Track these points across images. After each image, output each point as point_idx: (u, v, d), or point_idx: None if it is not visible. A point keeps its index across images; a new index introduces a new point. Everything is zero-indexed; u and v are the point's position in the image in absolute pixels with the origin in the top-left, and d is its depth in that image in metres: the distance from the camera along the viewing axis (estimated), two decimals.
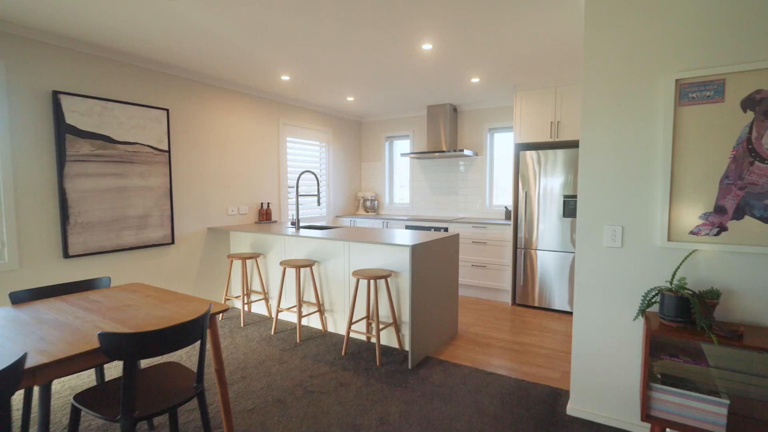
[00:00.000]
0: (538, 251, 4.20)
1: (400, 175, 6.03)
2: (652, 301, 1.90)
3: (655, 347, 1.90)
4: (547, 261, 4.15)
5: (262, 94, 4.50)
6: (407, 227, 5.10)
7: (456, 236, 3.45)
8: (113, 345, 1.37)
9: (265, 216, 4.53)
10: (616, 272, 2.09)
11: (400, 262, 3.08)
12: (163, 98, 3.58)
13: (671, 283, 1.84)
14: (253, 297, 4.15)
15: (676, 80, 1.87)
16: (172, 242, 3.65)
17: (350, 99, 4.89)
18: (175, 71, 3.64)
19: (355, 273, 2.97)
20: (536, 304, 4.25)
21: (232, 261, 3.85)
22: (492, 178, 5.21)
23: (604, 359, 2.16)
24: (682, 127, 1.88)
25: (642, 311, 1.87)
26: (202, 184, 3.92)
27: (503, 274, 4.50)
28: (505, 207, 4.93)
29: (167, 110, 3.56)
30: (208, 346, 3.16)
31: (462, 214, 5.36)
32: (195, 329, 1.57)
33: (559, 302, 4.11)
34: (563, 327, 3.70)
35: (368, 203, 5.91)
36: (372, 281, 3.09)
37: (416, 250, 2.86)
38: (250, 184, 4.44)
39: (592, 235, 2.15)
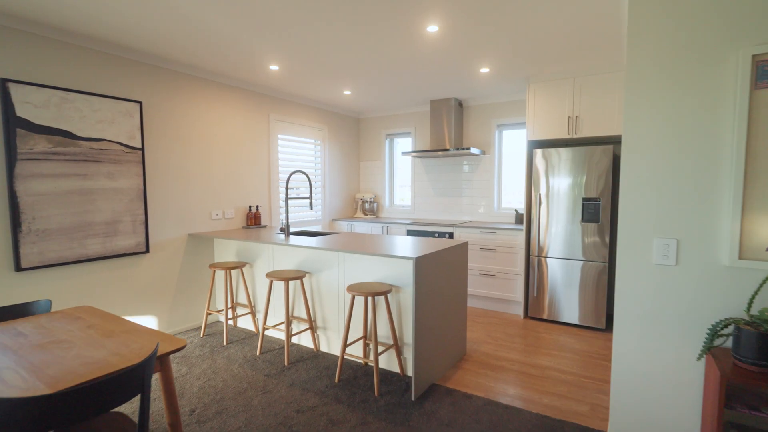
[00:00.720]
0: (553, 259, 3.81)
1: (401, 175, 5.64)
2: (721, 334, 1.50)
3: (726, 394, 1.51)
4: (564, 270, 3.76)
5: (250, 87, 4.11)
6: (409, 232, 4.71)
7: (464, 245, 3.06)
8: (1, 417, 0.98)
9: (253, 220, 4.14)
10: (668, 296, 1.70)
11: (401, 275, 2.69)
12: (136, 89, 3.19)
13: (748, 313, 1.45)
14: (239, 311, 3.76)
15: (753, 56, 1.48)
16: (147, 251, 3.26)
17: (347, 93, 4.50)
18: (150, 59, 3.25)
19: (350, 288, 2.58)
20: (551, 318, 3.86)
21: (214, 271, 3.46)
22: (500, 178, 4.82)
23: (651, 400, 1.77)
24: (760, 115, 1.48)
25: (708, 348, 1.48)
26: (181, 186, 3.53)
27: (514, 284, 4.11)
28: (515, 210, 4.54)
29: (140, 103, 3.17)
30: (160, 385, 2.77)
31: (467, 217, 4.96)
32: (131, 382, 1.18)
33: (576, 316, 3.72)
34: (582, 345, 3.31)
35: (367, 205, 5.52)
36: (370, 298, 2.70)
37: (421, 263, 2.47)
38: (238, 185, 4.05)
39: (637, 250, 1.76)
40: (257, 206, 4.20)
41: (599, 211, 3.57)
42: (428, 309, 2.59)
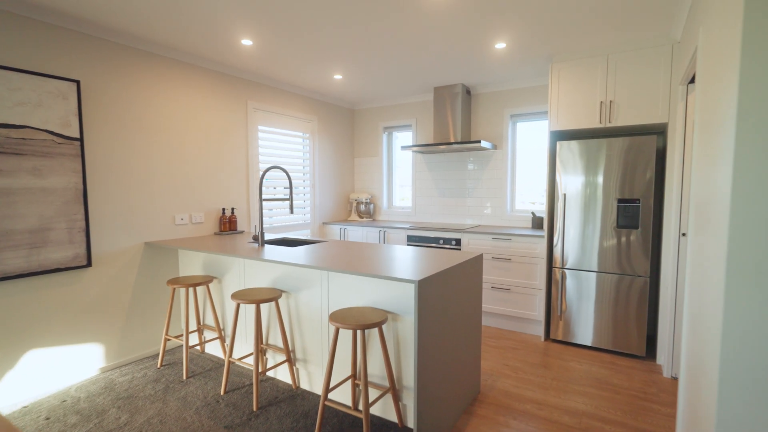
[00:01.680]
0: (580, 272, 3.20)
1: (401, 173, 5.03)
2: None
3: None
4: (594, 285, 3.15)
5: (222, 68, 3.51)
6: (409, 239, 4.11)
7: (478, 259, 2.45)
8: None
9: (228, 225, 3.54)
10: None
11: (400, 299, 2.09)
12: (72, 65, 2.59)
13: None
14: (207, 334, 3.16)
15: None
16: (88, 264, 2.66)
17: (338, 77, 3.89)
18: (92, 29, 2.65)
19: (334, 317, 1.98)
20: (577, 341, 3.25)
21: (174, 289, 2.85)
22: (514, 176, 4.22)
23: None
24: None
25: None
26: (136, 185, 2.93)
27: (533, 301, 3.50)
28: (532, 213, 3.94)
29: (77, 82, 2.57)
30: None
31: (476, 220, 4.36)
32: None
33: (609, 340, 3.11)
34: (621, 378, 2.70)
35: (362, 207, 4.92)
36: (359, 332, 2.09)
37: (425, 286, 1.87)
38: (209, 184, 3.45)
39: (761, 273, 1.15)
40: (232, 209, 3.60)
41: (639, 215, 2.96)
42: (434, 342, 1.98)
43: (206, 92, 3.40)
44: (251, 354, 2.58)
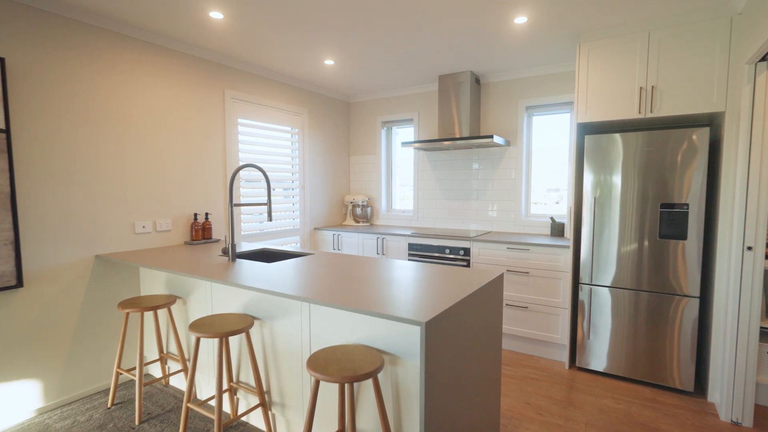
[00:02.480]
0: (613, 289, 2.71)
1: (402, 173, 4.54)
2: None
3: None
4: (629, 305, 2.66)
5: (191, 50, 3.01)
6: (411, 248, 3.62)
7: (498, 282, 1.96)
8: None
9: (200, 233, 3.04)
10: None
11: (400, 338, 1.59)
12: None
13: None
14: (171, 365, 2.67)
15: None
16: (18, 284, 2.17)
17: (329, 63, 3.40)
18: None
19: (313, 364, 1.49)
20: (609, 371, 2.76)
21: (128, 314, 2.35)
22: (529, 177, 3.73)
23: None
24: None
25: None
26: (82, 187, 2.44)
27: (555, 321, 3.01)
28: (551, 219, 3.45)
29: (2, 60, 2.08)
30: None
31: (485, 226, 3.87)
32: None
33: (648, 371, 2.62)
34: (671, 424, 2.21)
35: (359, 210, 4.43)
36: (346, 386, 1.60)
37: (434, 326, 1.38)
38: (178, 185, 2.96)
39: None
40: (206, 214, 3.11)
41: (686, 222, 2.47)
42: (445, 392, 1.49)
43: (174, 78, 2.90)
44: (212, 398, 2.09)
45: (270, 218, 2.40)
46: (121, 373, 2.58)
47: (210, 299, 2.30)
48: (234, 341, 2.20)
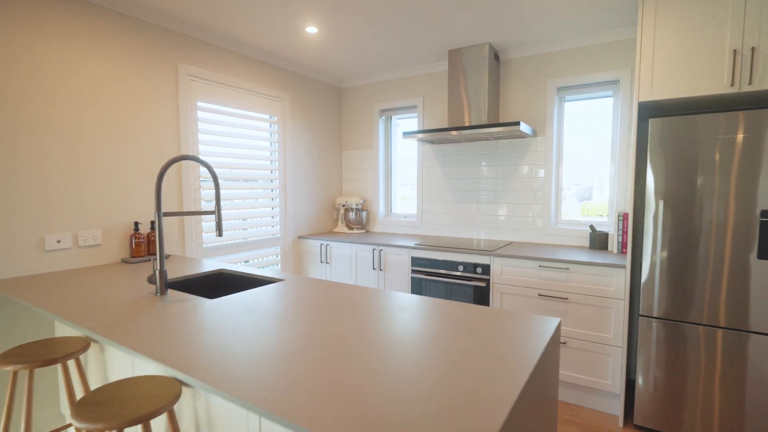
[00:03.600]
0: (691, 325, 2.02)
1: (404, 170, 3.85)
2: None
3: None
4: (715, 347, 1.97)
5: (124, 8, 2.31)
6: (415, 263, 2.92)
7: (554, 344, 1.27)
8: None
9: (144, 248, 2.35)
10: None
11: None
12: None
13: None
14: None
15: None
16: None
17: (311, 31, 2.70)
18: None
19: None
20: None
21: (15, 373, 1.65)
22: (559, 174, 3.03)
23: None
24: None
25: None
26: None
27: (604, 362, 2.32)
28: (591, 228, 2.76)
29: None
30: None
31: (505, 235, 3.17)
32: None
33: None
34: None
35: (352, 215, 3.73)
36: None
37: None
38: (112, 186, 2.27)
39: None
40: (152, 223, 2.42)
41: None
42: None
43: (103, 44, 2.21)
44: None
45: (219, 233, 1.71)
46: None
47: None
48: (159, 425, 1.50)
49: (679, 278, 2.03)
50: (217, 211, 1.70)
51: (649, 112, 2.34)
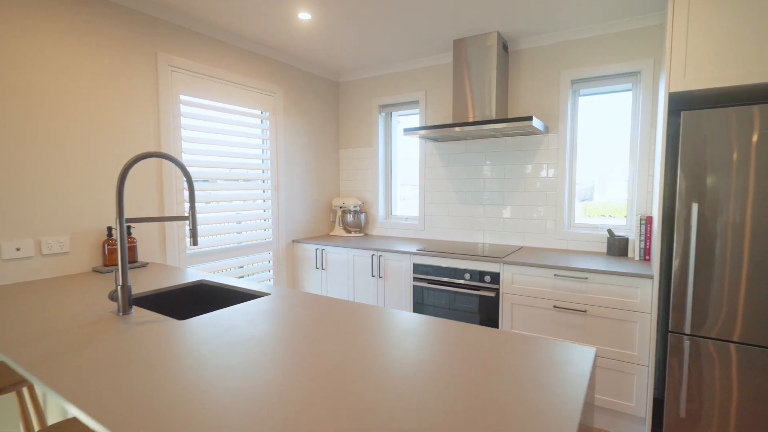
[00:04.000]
0: (731, 344, 1.79)
1: (405, 170, 3.62)
2: None
3: None
4: (760, 369, 1.74)
5: None
6: (416, 270, 2.70)
7: (592, 385, 1.04)
8: None
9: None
10: None
11: None
12: None
13: None
14: None
15: None
16: None
17: (304, 17, 2.48)
18: None
19: None
20: None
21: None
22: (573, 174, 2.81)
23: None
24: None
25: None
26: None
27: (628, 383, 2.09)
28: (608, 232, 2.53)
29: None
30: None
31: (514, 239, 2.95)
32: None
33: None
34: None
35: (350, 218, 3.50)
36: None
37: None
38: (82, 186, 2.04)
39: None
40: (128, 228, 2.19)
41: None
42: None
43: (68, 26, 1.98)
44: None
45: (194, 241, 1.48)
46: None
47: None
48: None
49: (717, 290, 1.80)
50: (192, 217, 1.48)
51: (676, 105, 2.12)
